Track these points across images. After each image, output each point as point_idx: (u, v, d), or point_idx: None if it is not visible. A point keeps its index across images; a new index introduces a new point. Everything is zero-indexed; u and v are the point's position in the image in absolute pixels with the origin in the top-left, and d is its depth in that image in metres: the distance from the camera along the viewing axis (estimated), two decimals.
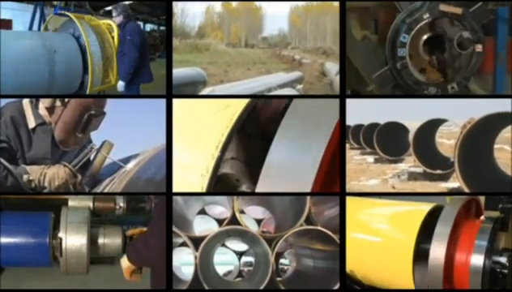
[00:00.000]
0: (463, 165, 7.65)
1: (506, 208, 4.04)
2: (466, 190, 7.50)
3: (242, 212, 5.22)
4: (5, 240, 4.56)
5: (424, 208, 4.25)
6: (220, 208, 5.59)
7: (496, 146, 8.95)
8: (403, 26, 6.61)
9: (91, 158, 5.44)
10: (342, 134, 4.11)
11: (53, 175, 5.12)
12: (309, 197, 4.65)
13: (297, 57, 25.05)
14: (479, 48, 6.65)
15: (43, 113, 5.37)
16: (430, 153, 12.43)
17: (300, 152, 3.87)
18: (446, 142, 14.64)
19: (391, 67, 6.67)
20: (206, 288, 4.44)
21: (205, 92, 10.86)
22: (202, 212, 5.70)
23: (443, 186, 10.16)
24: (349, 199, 4.73)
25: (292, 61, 24.33)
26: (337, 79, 13.00)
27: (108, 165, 5.40)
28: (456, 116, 11.18)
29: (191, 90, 11.36)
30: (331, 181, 4.10)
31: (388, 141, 14.51)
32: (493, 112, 7.08)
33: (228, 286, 5.14)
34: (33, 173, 5.11)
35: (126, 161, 5.25)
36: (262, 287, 4.51)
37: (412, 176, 11.58)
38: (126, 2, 11.08)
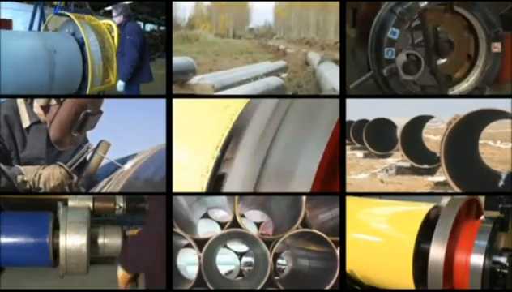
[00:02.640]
0: (449, 159, 7.80)
1: (506, 208, 4.05)
2: (452, 184, 7.62)
3: (243, 215, 5.34)
4: (5, 240, 4.53)
5: (424, 208, 4.25)
6: (222, 212, 5.74)
7: (480, 141, 9.13)
8: (392, 17, 5.26)
9: (88, 158, 5.36)
10: (342, 134, 4.12)
11: (48, 176, 5.04)
12: (304, 202, 4.74)
13: (282, 48, 25.44)
14: (497, 47, 5.36)
15: (38, 112, 5.25)
16: (417, 148, 12.68)
17: (299, 152, 3.88)
18: (433, 137, 14.83)
19: (375, 74, 5.36)
20: (210, 286, 4.60)
21: (195, 80, 11.16)
22: (206, 215, 5.84)
23: (430, 180, 10.27)
24: (349, 199, 4.74)
25: (277, 51, 24.70)
26: (319, 68, 13.57)
27: (105, 165, 5.34)
28: (442, 113, 11.28)
29: (182, 78, 11.50)
30: (331, 181, 4.12)
31: (377, 137, 14.67)
32: (478, 109, 7.11)
33: (229, 285, 5.27)
34: (28, 173, 5.02)
35: (124, 161, 5.18)
36: (260, 286, 4.67)
37: (400, 170, 11.71)
38: (126, 2, 11.09)
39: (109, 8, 12.27)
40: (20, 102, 5.29)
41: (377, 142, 14.55)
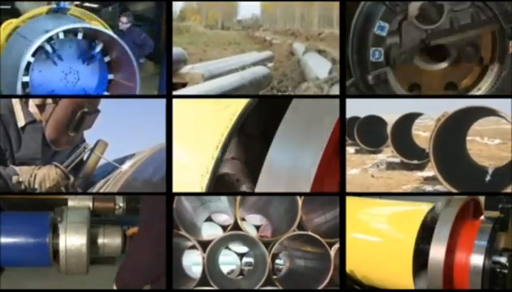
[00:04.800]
0: (438, 155, 7.92)
1: (506, 208, 4.05)
2: (440, 179, 7.72)
3: (243, 219, 5.39)
4: (5, 240, 4.51)
5: (424, 208, 4.26)
6: (224, 215, 5.84)
7: (468, 138, 9.29)
8: (380, 7, 4.37)
9: (85, 158, 5.21)
10: (342, 134, 4.12)
11: (43, 176, 4.93)
12: (300, 206, 4.81)
13: (268, 38, 26.17)
14: None
15: (33, 111, 5.13)
16: (407, 144, 12.79)
17: (299, 152, 3.90)
18: (422, 134, 14.91)
19: (358, 81, 4.56)
20: (213, 284, 4.75)
21: (185, 69, 11.25)
22: (209, 219, 5.94)
23: (419, 175, 10.41)
24: (349, 199, 4.76)
25: (264, 41, 25.36)
26: (304, 58, 14.22)
27: (102, 165, 5.22)
28: (431, 110, 11.42)
29: (173, 68, 11.68)
30: (331, 181, 4.13)
31: (368, 133, 14.76)
32: (466, 106, 7.19)
33: (231, 283, 5.38)
34: (23, 174, 4.91)
35: (122, 161, 5.10)
36: (260, 284, 4.82)
37: (390, 166, 11.85)
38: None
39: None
40: (15, 101, 5.18)
41: (368, 138, 14.66)
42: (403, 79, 4.72)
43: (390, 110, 13.62)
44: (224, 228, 5.62)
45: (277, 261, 5.60)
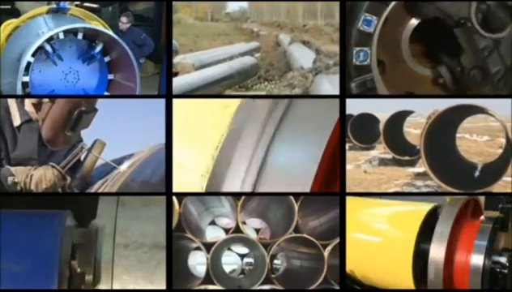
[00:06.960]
0: (428, 151, 8.09)
1: (506, 208, 4.06)
2: (431, 174, 7.87)
3: (244, 223, 5.54)
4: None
5: (424, 208, 4.27)
6: (227, 219, 6.06)
7: (458, 135, 9.48)
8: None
9: (82, 158, 5.15)
10: (342, 134, 4.12)
11: (40, 177, 4.86)
12: (297, 211, 4.88)
13: (255, 30, 26.52)
14: None
15: (29, 110, 5.04)
16: (399, 141, 13.02)
17: (299, 152, 3.91)
18: (413, 131, 15.08)
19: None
20: (216, 283, 4.88)
21: (177, 59, 11.52)
22: (213, 223, 6.20)
23: (410, 170, 10.58)
24: (349, 199, 4.77)
25: (251, 33, 25.66)
26: (289, 49, 14.79)
27: (100, 166, 5.17)
28: (422, 107, 11.54)
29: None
30: (331, 180, 4.13)
31: (361, 130, 14.85)
32: (456, 104, 7.26)
33: (232, 282, 5.52)
34: (18, 174, 4.84)
35: (120, 161, 5.05)
36: (259, 283, 4.99)
37: (383, 162, 12.07)
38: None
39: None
40: (11, 100, 5.10)
41: (361, 135, 14.77)
42: (394, 87, 4.20)
43: (382, 108, 13.70)
44: (227, 231, 5.71)
45: (275, 261, 5.75)
